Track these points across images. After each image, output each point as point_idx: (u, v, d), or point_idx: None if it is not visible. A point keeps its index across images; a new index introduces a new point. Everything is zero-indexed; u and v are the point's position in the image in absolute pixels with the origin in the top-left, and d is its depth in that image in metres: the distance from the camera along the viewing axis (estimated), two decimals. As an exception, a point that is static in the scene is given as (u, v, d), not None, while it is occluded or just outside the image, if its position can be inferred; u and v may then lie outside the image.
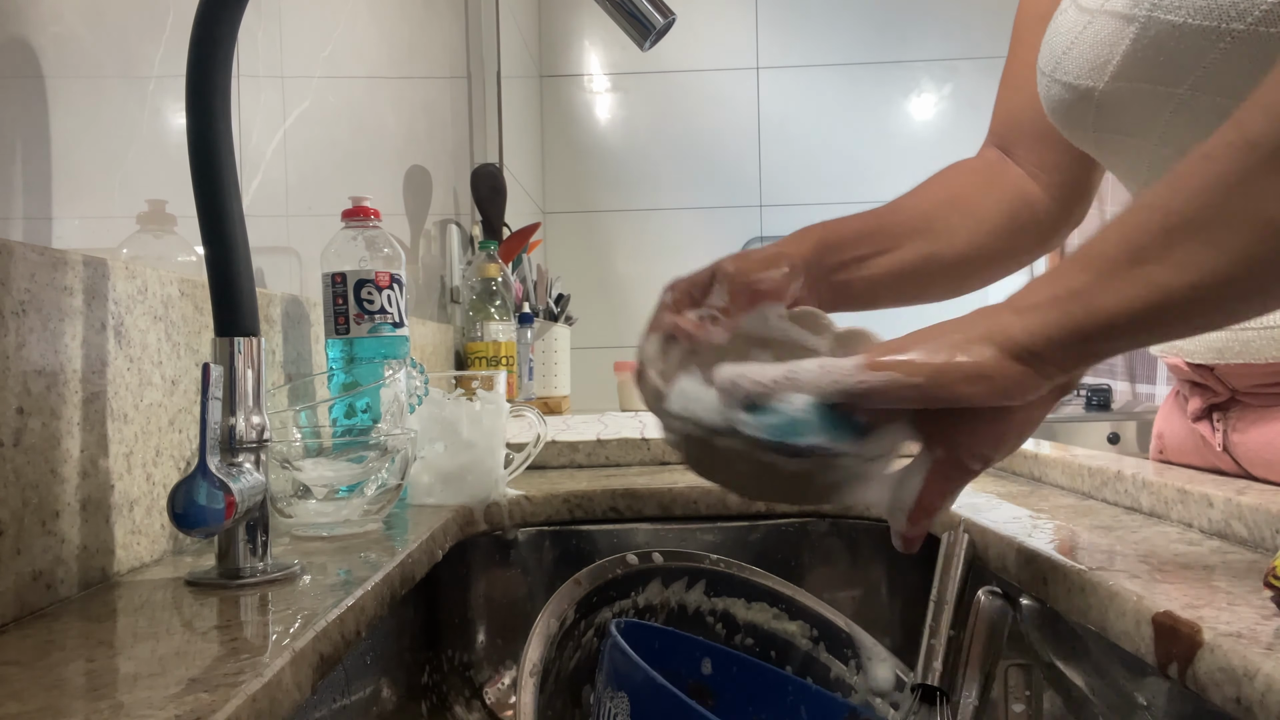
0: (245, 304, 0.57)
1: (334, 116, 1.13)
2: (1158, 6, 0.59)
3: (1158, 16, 0.59)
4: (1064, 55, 0.67)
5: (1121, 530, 0.64)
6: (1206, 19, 0.56)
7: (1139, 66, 0.62)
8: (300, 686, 0.44)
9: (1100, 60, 0.64)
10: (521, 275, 1.85)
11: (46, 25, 0.58)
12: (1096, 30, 0.64)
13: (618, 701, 0.48)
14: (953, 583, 0.63)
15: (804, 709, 0.65)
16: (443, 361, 1.53)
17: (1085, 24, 0.65)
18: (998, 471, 0.95)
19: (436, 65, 1.67)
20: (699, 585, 0.70)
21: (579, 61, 3.03)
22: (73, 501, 0.54)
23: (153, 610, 0.52)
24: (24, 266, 0.50)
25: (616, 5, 0.66)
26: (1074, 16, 0.67)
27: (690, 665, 0.64)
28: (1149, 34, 0.60)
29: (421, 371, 0.85)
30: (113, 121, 0.65)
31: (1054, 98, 0.69)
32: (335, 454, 0.74)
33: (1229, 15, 0.55)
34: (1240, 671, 0.37)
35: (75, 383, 0.55)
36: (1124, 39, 0.62)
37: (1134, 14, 0.61)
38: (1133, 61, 0.62)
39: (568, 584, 0.64)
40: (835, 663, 0.70)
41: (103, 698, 0.38)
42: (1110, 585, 0.48)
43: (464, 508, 0.84)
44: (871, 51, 3.00)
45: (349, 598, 0.53)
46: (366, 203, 0.88)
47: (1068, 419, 2.25)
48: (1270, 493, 0.61)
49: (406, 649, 0.75)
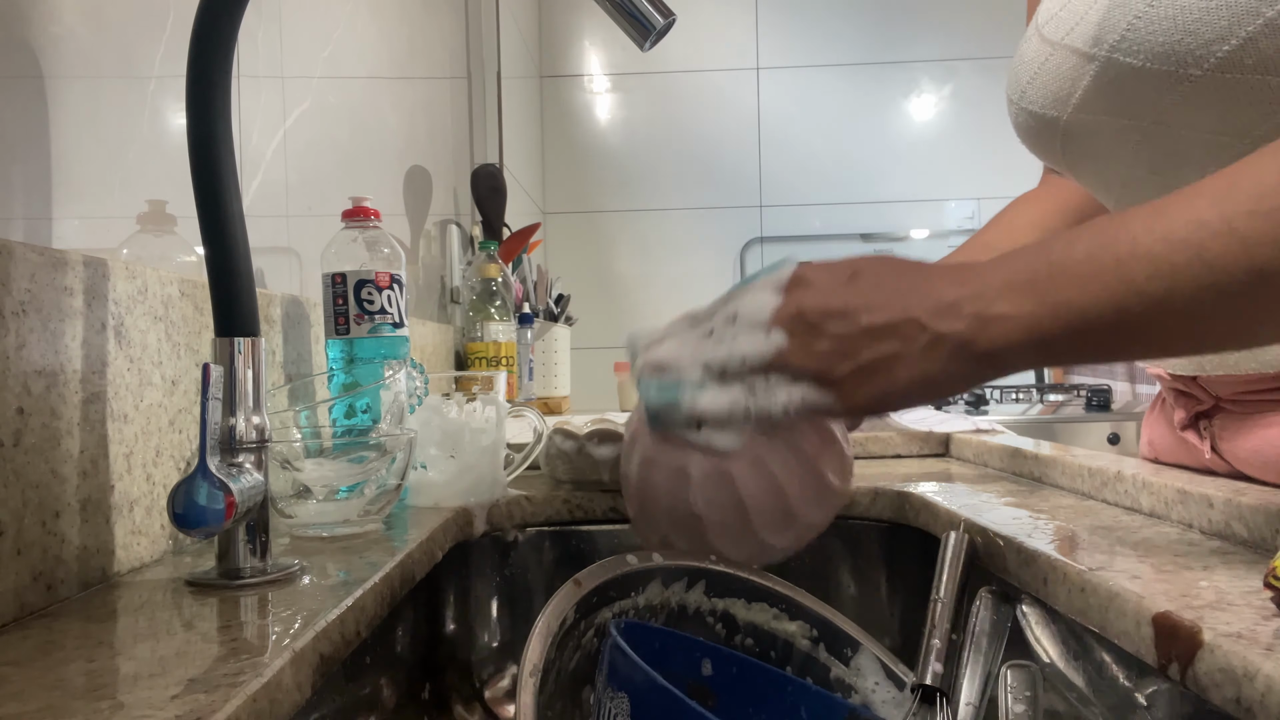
0: (245, 304, 0.57)
1: (334, 116, 1.13)
2: (1116, 49, 0.58)
3: (1116, 59, 0.59)
4: (1028, 85, 0.68)
5: (1121, 531, 0.64)
6: (1164, 64, 0.56)
7: (1100, 101, 0.62)
8: (300, 686, 0.44)
9: (1063, 93, 0.64)
10: (521, 275, 1.85)
11: (46, 25, 0.58)
12: (1058, 63, 0.65)
13: (618, 702, 0.48)
14: (953, 583, 0.63)
15: (804, 709, 0.65)
16: (443, 362, 1.53)
17: (1047, 55, 0.66)
18: (998, 472, 0.95)
19: (436, 65, 1.67)
20: (699, 585, 0.70)
21: (579, 62, 3.03)
22: (73, 502, 0.54)
23: (153, 610, 0.52)
24: (24, 267, 0.50)
25: (617, 5, 0.66)
26: (1036, 46, 0.68)
27: (690, 666, 0.64)
28: (1109, 74, 0.60)
29: (422, 372, 0.85)
30: (113, 121, 0.65)
31: (1022, 124, 0.71)
32: (335, 454, 0.74)
33: (1185, 62, 0.55)
34: (1240, 672, 0.37)
35: (75, 383, 0.55)
36: (1084, 75, 0.62)
37: (1094, 53, 0.61)
38: (1094, 96, 0.62)
39: (567, 584, 0.64)
40: (835, 663, 0.70)
41: (103, 698, 0.38)
42: (1110, 585, 0.48)
43: (464, 508, 0.84)
44: (871, 52, 3.00)
45: (349, 598, 0.53)
46: (366, 203, 0.88)
47: (1068, 419, 2.25)
48: (1270, 493, 0.61)
49: (406, 649, 0.74)
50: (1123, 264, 0.45)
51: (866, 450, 1.11)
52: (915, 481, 0.89)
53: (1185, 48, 0.54)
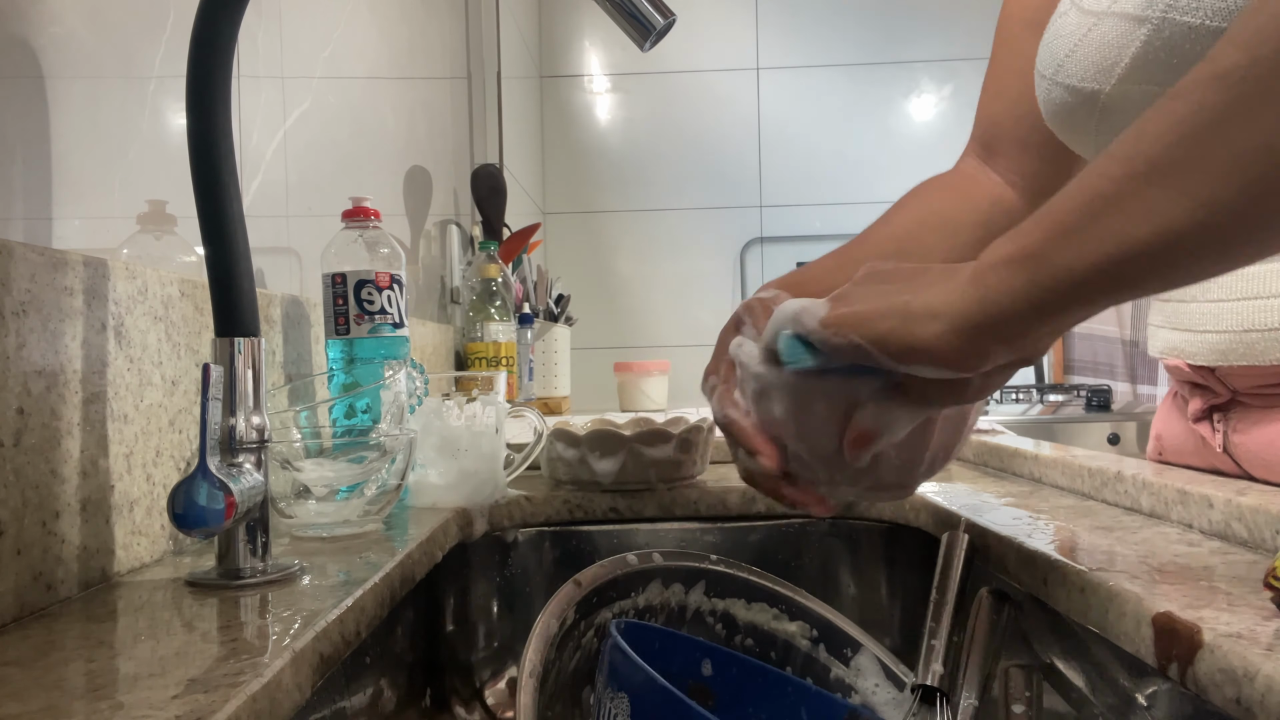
0: (245, 304, 0.57)
1: (334, 116, 1.13)
2: (1173, 8, 0.57)
3: (1173, 18, 0.57)
4: (1067, 58, 0.66)
5: (1121, 531, 0.64)
6: (1225, 20, 0.54)
7: (1149, 69, 0.60)
8: (300, 687, 0.44)
9: (1107, 63, 0.63)
10: (521, 276, 1.85)
11: (46, 25, 0.58)
12: (1103, 33, 0.63)
13: (618, 702, 0.48)
14: (953, 583, 0.63)
15: (804, 710, 0.65)
16: (443, 362, 1.53)
17: (1090, 26, 0.64)
18: (998, 472, 0.95)
19: (436, 65, 1.67)
20: (699, 586, 0.70)
21: (579, 62, 3.03)
22: (73, 502, 0.54)
23: (153, 611, 0.52)
24: (24, 267, 0.50)
25: (617, 6, 0.66)
26: (1076, 19, 0.66)
27: (690, 666, 0.64)
28: (1162, 35, 0.58)
29: (422, 372, 0.85)
30: (113, 121, 0.65)
31: (1055, 101, 0.68)
32: (335, 454, 0.74)
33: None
34: (1240, 672, 0.37)
35: (75, 383, 0.55)
36: (1134, 41, 0.60)
37: (1146, 15, 0.58)
38: (1143, 64, 0.60)
39: (567, 585, 0.64)
40: (835, 663, 0.70)
41: (103, 698, 0.38)
42: (1110, 586, 0.48)
43: (464, 508, 0.84)
44: (871, 52, 3.00)
45: (349, 598, 0.53)
46: (366, 203, 0.88)
47: (1068, 419, 2.25)
48: (1270, 493, 0.61)
49: (406, 649, 0.74)
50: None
51: (866, 450, 1.11)
52: (915, 482, 0.89)
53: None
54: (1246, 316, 0.74)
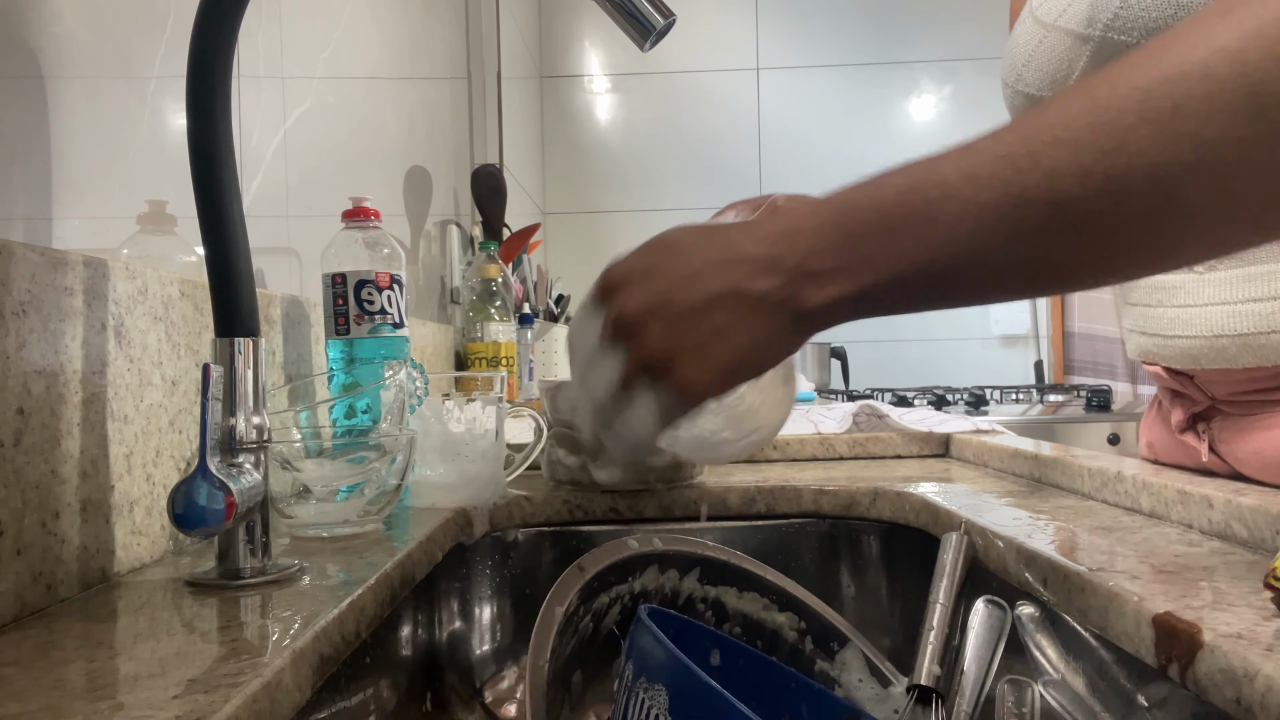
0: (245, 304, 0.57)
1: (334, 117, 1.13)
2: (1110, 28, 0.58)
3: (1111, 38, 0.59)
4: (1024, 67, 0.68)
5: (1121, 531, 0.64)
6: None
7: None
8: (300, 687, 0.44)
9: (1060, 75, 0.65)
10: (521, 276, 1.85)
11: (46, 25, 0.58)
12: (1053, 45, 0.65)
13: (654, 695, 0.47)
14: (952, 584, 0.63)
15: (804, 707, 0.65)
16: (443, 362, 1.53)
17: (1041, 38, 0.66)
18: (997, 472, 0.95)
19: (436, 65, 1.67)
20: (693, 572, 0.71)
21: (579, 62, 3.03)
22: (73, 502, 0.54)
23: (153, 611, 0.52)
24: (24, 267, 0.50)
25: (617, 6, 0.66)
26: (1030, 29, 0.68)
27: (700, 656, 0.63)
28: (1104, 53, 0.60)
29: (422, 372, 0.85)
30: (113, 122, 0.65)
31: (1018, 107, 0.71)
32: (335, 454, 0.74)
33: None
34: (1240, 672, 0.37)
35: (75, 383, 0.55)
36: (1080, 56, 0.62)
37: (1088, 34, 0.61)
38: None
39: (571, 571, 0.64)
40: (820, 656, 0.70)
41: (103, 698, 0.38)
42: (1110, 586, 0.48)
43: (464, 508, 0.84)
44: (871, 52, 3.00)
45: (349, 598, 0.53)
46: (366, 203, 0.88)
47: (1068, 419, 2.25)
48: (1270, 493, 0.61)
49: (406, 649, 0.74)
50: (932, 207, 0.42)
51: (867, 451, 1.11)
52: (915, 482, 0.89)
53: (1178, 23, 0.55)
54: (1217, 322, 0.73)
